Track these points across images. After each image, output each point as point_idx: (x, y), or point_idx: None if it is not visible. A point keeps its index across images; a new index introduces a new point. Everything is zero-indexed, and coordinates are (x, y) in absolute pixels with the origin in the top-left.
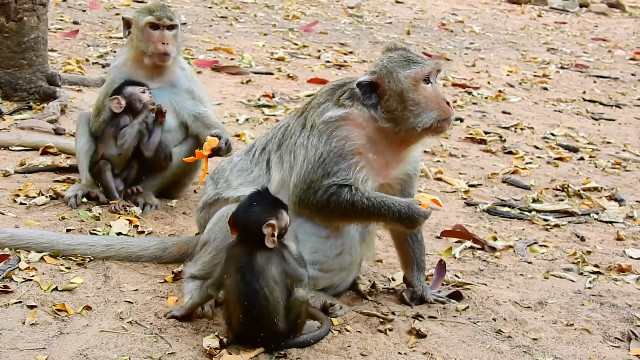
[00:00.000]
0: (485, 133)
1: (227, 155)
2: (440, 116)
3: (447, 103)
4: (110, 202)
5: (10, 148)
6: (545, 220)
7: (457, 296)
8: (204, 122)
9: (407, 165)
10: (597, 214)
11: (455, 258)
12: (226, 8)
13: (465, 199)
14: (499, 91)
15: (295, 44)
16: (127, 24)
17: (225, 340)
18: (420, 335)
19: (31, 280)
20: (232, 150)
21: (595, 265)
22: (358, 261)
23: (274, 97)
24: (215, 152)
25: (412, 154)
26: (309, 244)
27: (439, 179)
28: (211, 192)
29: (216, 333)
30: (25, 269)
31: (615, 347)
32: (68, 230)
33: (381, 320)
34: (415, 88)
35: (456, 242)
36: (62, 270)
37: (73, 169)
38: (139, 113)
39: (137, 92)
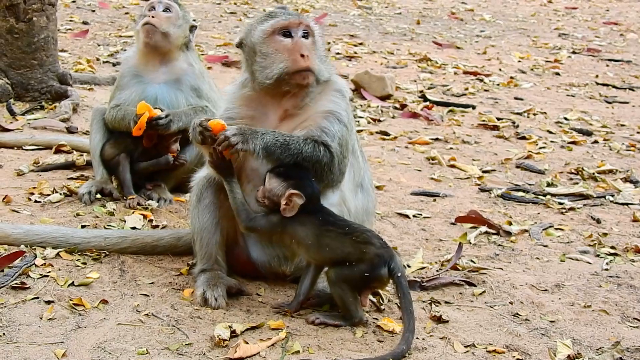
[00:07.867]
0: (498, 119)
1: (167, 131)
2: (289, 68)
3: (302, 56)
4: (127, 198)
5: (23, 147)
6: (560, 203)
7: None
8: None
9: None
10: (612, 196)
11: (470, 243)
12: (235, 4)
13: (479, 184)
14: (511, 77)
15: None
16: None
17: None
18: (439, 320)
19: (47, 276)
20: (172, 125)
21: (612, 247)
22: None
23: None
24: (153, 126)
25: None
26: None
27: (452, 166)
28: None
29: (229, 323)
30: (42, 265)
31: (634, 327)
32: (83, 226)
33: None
34: (266, 41)
35: (471, 227)
36: (78, 266)
37: (89, 165)
38: (161, 155)
39: (170, 142)
